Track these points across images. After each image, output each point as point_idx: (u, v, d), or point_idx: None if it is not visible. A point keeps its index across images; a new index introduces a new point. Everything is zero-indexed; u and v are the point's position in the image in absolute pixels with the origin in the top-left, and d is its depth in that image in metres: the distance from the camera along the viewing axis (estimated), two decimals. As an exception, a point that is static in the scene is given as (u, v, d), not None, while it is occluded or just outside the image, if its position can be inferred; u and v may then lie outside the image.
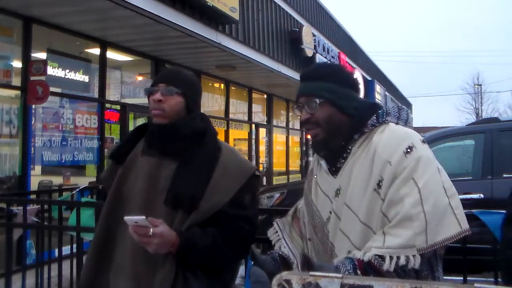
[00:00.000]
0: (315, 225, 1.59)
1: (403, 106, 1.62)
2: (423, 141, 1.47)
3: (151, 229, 1.50)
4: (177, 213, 1.63)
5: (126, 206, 1.68)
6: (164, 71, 1.83)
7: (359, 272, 1.32)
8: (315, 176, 1.65)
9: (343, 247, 1.45)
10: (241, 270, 5.31)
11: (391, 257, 1.31)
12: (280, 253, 1.65)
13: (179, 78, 1.75)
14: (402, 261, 1.31)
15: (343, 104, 1.53)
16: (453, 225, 1.36)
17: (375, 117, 1.52)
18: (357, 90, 1.61)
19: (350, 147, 1.52)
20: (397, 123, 1.52)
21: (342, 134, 1.53)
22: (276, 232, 1.74)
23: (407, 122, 1.55)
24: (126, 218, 1.51)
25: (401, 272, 1.32)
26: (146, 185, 1.67)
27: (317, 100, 1.52)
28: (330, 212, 1.53)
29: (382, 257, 1.32)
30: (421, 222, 1.33)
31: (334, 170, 1.56)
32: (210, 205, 1.64)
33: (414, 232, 1.32)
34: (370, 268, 1.32)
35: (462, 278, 2.61)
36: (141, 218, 1.50)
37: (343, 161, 1.53)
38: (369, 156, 1.46)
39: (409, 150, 1.41)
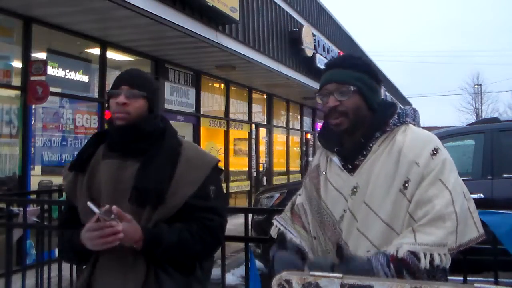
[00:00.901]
0: (324, 223, 1.54)
1: (416, 109, 1.63)
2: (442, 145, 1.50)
3: (118, 224, 1.52)
4: (143, 210, 1.64)
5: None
6: (126, 73, 1.78)
7: (392, 266, 1.31)
8: (324, 173, 1.60)
9: (360, 246, 1.43)
10: (241, 270, 5.31)
11: (425, 254, 1.32)
12: (296, 244, 1.61)
13: (142, 81, 1.74)
14: (437, 259, 1.32)
15: (371, 97, 1.53)
16: (473, 228, 1.40)
17: (396, 117, 1.52)
18: (381, 87, 1.62)
19: (371, 145, 1.50)
20: (414, 125, 1.53)
21: (363, 129, 1.52)
22: (278, 228, 1.70)
23: (419, 124, 1.57)
24: (89, 203, 1.53)
25: (432, 271, 1.33)
26: (111, 188, 1.67)
27: (351, 87, 1.50)
28: (344, 211, 1.49)
29: (414, 254, 1.32)
30: (453, 223, 1.35)
31: (350, 167, 1.53)
32: (176, 198, 1.65)
33: (447, 231, 1.34)
34: (403, 265, 1.31)
35: (462, 278, 2.60)
36: (97, 210, 1.51)
37: (362, 158, 1.50)
38: (392, 156, 1.45)
39: (435, 152, 1.43)
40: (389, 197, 1.41)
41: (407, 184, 1.40)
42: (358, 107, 1.51)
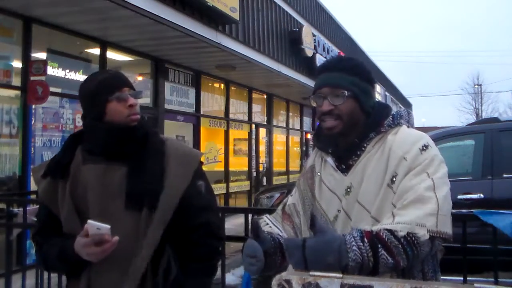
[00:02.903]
0: None
1: (411, 111, 1.64)
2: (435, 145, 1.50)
3: (111, 238, 1.50)
4: (140, 214, 1.61)
5: (83, 218, 1.62)
6: (118, 75, 1.76)
7: (366, 240, 1.29)
8: (319, 174, 1.61)
9: None
10: (241, 270, 5.29)
11: (401, 231, 1.30)
12: (280, 235, 1.60)
13: (130, 81, 1.76)
14: (415, 237, 1.30)
15: (365, 101, 1.53)
16: (450, 226, 1.38)
17: (391, 118, 1.54)
18: (374, 88, 1.62)
19: (365, 145, 1.51)
20: (408, 126, 1.54)
21: (357, 131, 1.52)
22: (266, 222, 1.70)
23: (413, 126, 1.58)
24: (90, 222, 1.50)
25: (409, 249, 1.30)
26: (99, 192, 1.63)
27: (346, 92, 1.50)
28: (338, 211, 1.50)
29: (391, 232, 1.31)
30: (433, 205, 1.33)
31: (344, 167, 1.54)
32: (170, 197, 1.63)
33: (425, 212, 1.33)
34: (379, 241, 1.30)
35: (462, 278, 2.61)
36: (106, 226, 1.49)
37: (356, 158, 1.51)
38: (384, 155, 1.46)
39: (424, 148, 1.44)
40: (379, 193, 1.42)
41: (394, 179, 1.41)
42: (352, 111, 1.52)
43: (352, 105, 1.52)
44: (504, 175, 4.92)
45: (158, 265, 1.62)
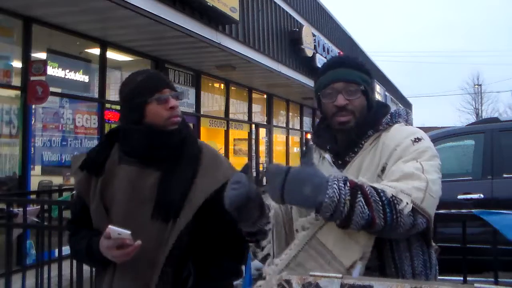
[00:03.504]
0: (313, 218, 1.53)
1: (409, 110, 1.65)
2: (431, 141, 1.50)
3: (133, 243, 1.48)
4: (165, 224, 1.58)
5: (108, 218, 1.63)
6: (158, 75, 1.72)
7: (348, 185, 1.26)
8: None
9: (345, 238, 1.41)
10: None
11: (386, 191, 1.28)
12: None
13: (171, 82, 1.72)
14: (399, 202, 1.26)
15: (372, 97, 1.57)
16: (433, 209, 1.34)
17: (389, 116, 1.55)
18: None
19: (362, 142, 1.52)
20: (406, 125, 1.55)
21: (357, 127, 1.53)
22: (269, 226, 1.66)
23: (411, 125, 1.58)
24: (111, 227, 1.48)
25: (389, 210, 1.26)
26: (128, 195, 1.60)
27: (362, 87, 1.53)
28: None
29: (375, 189, 1.29)
30: (422, 182, 1.31)
31: (340, 163, 1.54)
32: (189, 208, 1.59)
33: (414, 185, 1.30)
34: (360, 190, 1.27)
35: (462, 278, 2.61)
36: (126, 232, 1.47)
37: (353, 155, 1.52)
38: (377, 149, 1.48)
39: (417, 140, 1.44)
40: None
41: (383, 169, 1.42)
42: (363, 106, 1.54)
43: (363, 101, 1.54)
44: (504, 175, 4.92)
45: (180, 274, 1.60)
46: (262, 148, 13.29)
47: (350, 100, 1.52)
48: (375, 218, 1.26)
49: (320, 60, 12.37)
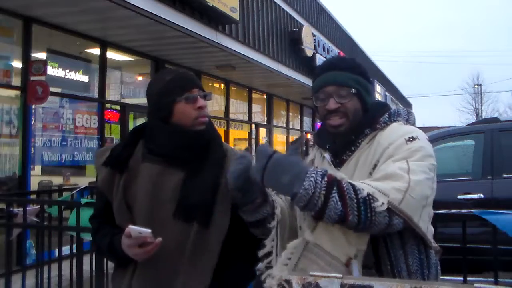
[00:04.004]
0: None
1: (411, 110, 1.65)
2: (428, 140, 1.49)
3: (154, 241, 1.47)
4: (190, 225, 1.57)
5: (130, 216, 1.62)
6: (187, 75, 1.69)
7: (325, 179, 1.28)
8: (316, 168, 1.60)
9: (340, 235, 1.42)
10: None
11: (362, 189, 1.29)
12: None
13: (199, 82, 1.69)
14: (374, 200, 1.27)
15: (367, 99, 1.56)
16: (418, 216, 1.33)
17: (387, 115, 1.55)
18: (373, 87, 1.64)
19: (360, 141, 1.53)
20: (405, 124, 1.55)
21: (355, 126, 1.54)
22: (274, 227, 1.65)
23: (413, 125, 1.58)
24: (131, 227, 1.47)
25: (363, 209, 1.27)
26: (150, 194, 1.59)
27: (353, 90, 1.53)
28: None
29: (353, 186, 1.30)
30: (403, 184, 1.30)
31: (338, 162, 1.55)
32: (224, 215, 1.58)
33: (393, 186, 1.30)
34: (337, 185, 1.29)
35: (462, 278, 2.61)
36: (147, 231, 1.46)
37: (350, 154, 1.53)
38: (372, 148, 1.48)
39: (411, 139, 1.43)
40: None
41: (374, 168, 1.43)
42: (356, 109, 1.54)
43: (357, 103, 1.54)
44: (504, 175, 4.91)
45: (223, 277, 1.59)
46: (262, 148, 13.27)
47: (342, 104, 1.52)
48: (348, 214, 1.28)
49: (320, 60, 12.37)
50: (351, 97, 1.53)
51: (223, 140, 1.79)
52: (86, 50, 7.20)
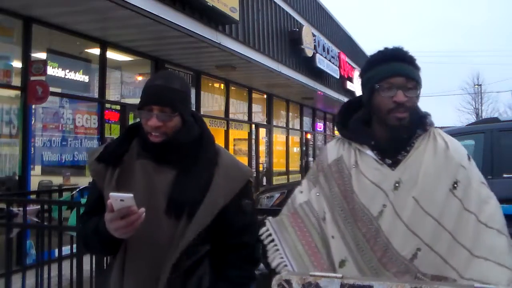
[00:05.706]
0: (358, 219, 1.45)
1: None
2: None
3: (137, 211, 1.45)
4: (177, 222, 1.59)
5: None
6: (154, 90, 1.65)
7: None
8: (354, 166, 1.52)
9: (409, 243, 1.39)
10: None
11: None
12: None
13: (173, 97, 1.63)
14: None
15: (419, 97, 1.54)
16: None
17: (430, 117, 1.56)
18: None
19: (413, 141, 1.51)
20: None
21: (410, 126, 1.51)
22: (269, 232, 1.57)
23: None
24: (112, 194, 1.45)
25: None
26: (143, 189, 1.61)
27: (418, 85, 1.50)
28: (384, 206, 1.43)
29: None
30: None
31: (390, 162, 1.49)
32: (208, 208, 1.60)
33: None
34: None
35: (462, 278, 2.60)
36: (128, 196, 1.43)
37: (405, 154, 1.49)
38: (439, 156, 1.48)
39: (469, 157, 1.52)
40: (439, 195, 1.42)
41: (456, 185, 1.43)
42: (416, 105, 1.52)
43: (417, 100, 1.52)
44: (504, 175, 4.91)
45: (192, 275, 1.60)
46: (262, 148, 13.28)
47: (409, 98, 1.47)
48: None
49: (320, 60, 12.38)
50: (416, 92, 1.49)
51: (223, 140, 1.80)
52: (86, 50, 7.20)
